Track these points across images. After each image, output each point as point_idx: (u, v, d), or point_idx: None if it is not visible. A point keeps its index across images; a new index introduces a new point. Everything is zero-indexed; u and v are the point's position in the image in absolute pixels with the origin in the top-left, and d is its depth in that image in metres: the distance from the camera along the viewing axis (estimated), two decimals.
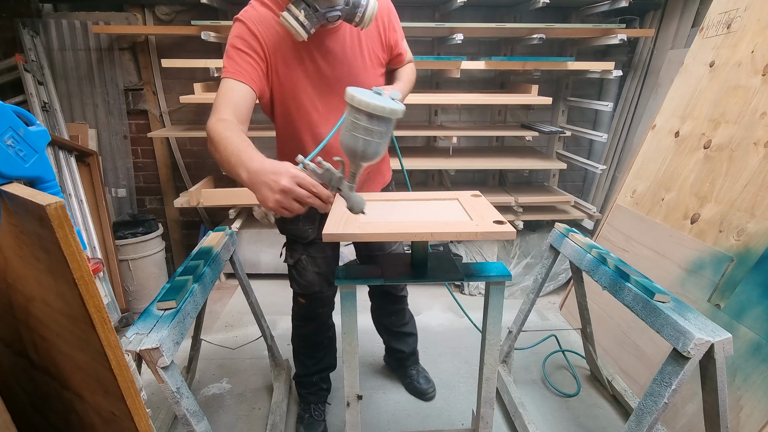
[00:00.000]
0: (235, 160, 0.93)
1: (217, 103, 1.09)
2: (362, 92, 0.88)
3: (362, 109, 0.86)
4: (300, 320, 1.65)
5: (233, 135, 0.98)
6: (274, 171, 0.86)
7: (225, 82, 1.12)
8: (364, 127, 0.88)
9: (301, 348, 1.69)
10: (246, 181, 0.90)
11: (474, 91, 2.89)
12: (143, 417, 0.81)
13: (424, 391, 1.89)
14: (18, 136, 0.84)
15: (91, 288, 0.70)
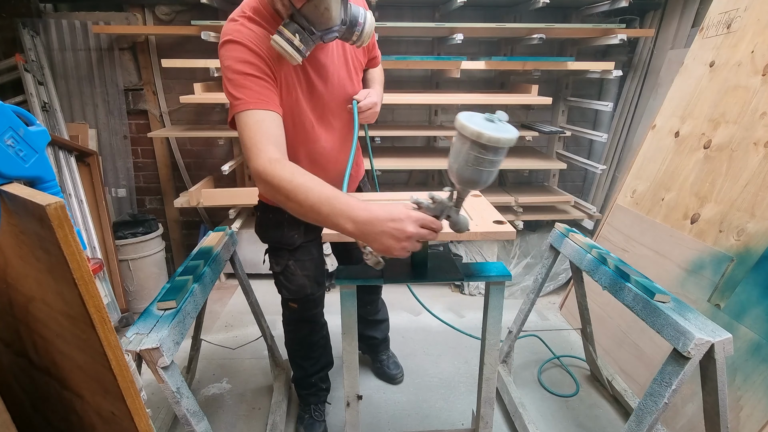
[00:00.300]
0: (328, 210, 0.86)
1: (253, 141, 0.98)
2: (485, 126, 0.79)
3: (491, 145, 0.79)
4: (293, 325, 1.63)
5: (307, 180, 0.90)
6: (393, 218, 0.83)
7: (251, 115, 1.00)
8: (490, 160, 0.82)
9: (298, 351, 1.67)
10: (354, 232, 0.85)
11: (474, 91, 2.88)
12: (143, 417, 0.81)
13: (393, 376, 1.96)
14: (18, 136, 0.84)
15: (91, 288, 0.70)
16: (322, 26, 1.03)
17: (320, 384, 1.73)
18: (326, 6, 0.99)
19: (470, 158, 0.81)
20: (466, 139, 0.80)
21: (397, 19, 2.74)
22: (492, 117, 0.83)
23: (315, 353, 1.68)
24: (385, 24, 2.35)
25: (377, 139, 2.62)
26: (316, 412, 1.71)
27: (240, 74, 1.03)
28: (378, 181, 1.68)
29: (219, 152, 2.98)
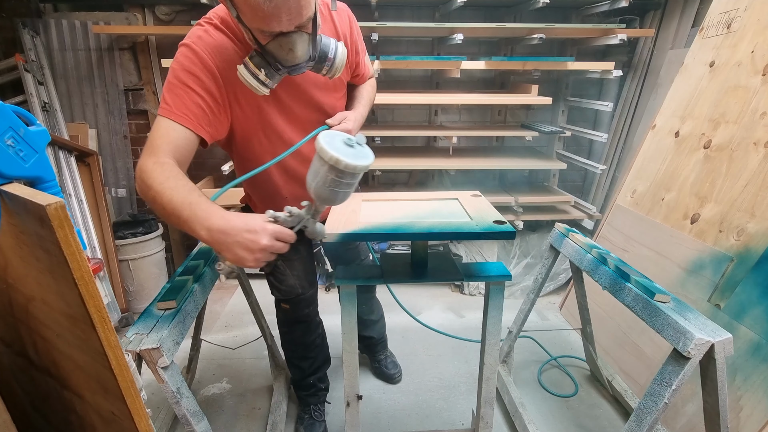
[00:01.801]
0: (187, 214, 0.86)
1: (154, 143, 0.97)
2: (344, 152, 0.82)
3: (348, 171, 0.82)
4: (287, 326, 1.61)
5: (179, 184, 0.89)
6: (248, 229, 0.83)
7: (167, 122, 0.99)
8: (347, 183, 0.86)
9: (294, 352, 1.66)
10: (208, 240, 0.84)
11: (474, 91, 2.88)
12: (143, 417, 0.81)
13: (391, 376, 1.96)
14: (18, 136, 0.84)
15: (91, 288, 0.70)
16: (287, 63, 0.99)
17: (319, 384, 1.73)
18: (290, 46, 0.95)
19: (328, 180, 0.84)
20: (325, 162, 0.82)
21: (397, 19, 2.74)
22: (352, 141, 0.86)
23: (311, 353, 1.67)
24: (385, 24, 2.35)
25: (377, 139, 2.62)
26: (315, 412, 1.71)
27: (180, 83, 1.01)
28: (378, 181, 1.69)
29: (219, 152, 2.98)
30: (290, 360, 1.69)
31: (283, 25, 0.92)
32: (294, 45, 0.95)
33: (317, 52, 1.02)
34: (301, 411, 1.74)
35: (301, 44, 0.96)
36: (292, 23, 0.92)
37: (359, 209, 1.26)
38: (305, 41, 0.97)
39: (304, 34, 0.96)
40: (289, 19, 0.91)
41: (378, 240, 1.73)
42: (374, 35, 2.41)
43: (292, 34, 0.94)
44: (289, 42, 0.95)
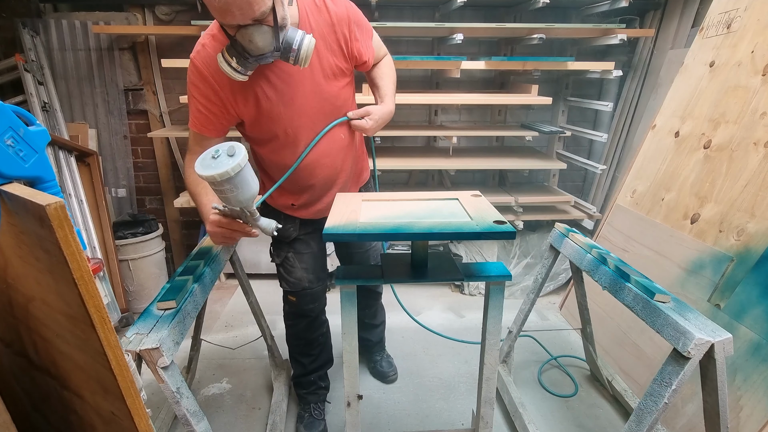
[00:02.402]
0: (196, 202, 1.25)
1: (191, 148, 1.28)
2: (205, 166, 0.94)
3: (209, 180, 0.94)
4: (292, 319, 1.65)
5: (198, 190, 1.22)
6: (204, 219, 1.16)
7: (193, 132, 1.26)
8: (225, 189, 0.96)
9: (297, 347, 1.69)
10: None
11: (474, 91, 2.88)
12: (143, 417, 0.81)
13: (386, 374, 1.97)
14: (18, 136, 0.84)
15: (91, 288, 0.70)
16: (253, 53, 1.08)
17: (319, 382, 1.74)
18: (250, 38, 1.04)
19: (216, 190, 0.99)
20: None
21: (397, 19, 2.74)
22: (218, 153, 0.95)
23: (314, 350, 1.68)
24: (385, 24, 2.35)
25: (377, 139, 2.62)
26: (315, 410, 1.72)
27: (191, 96, 1.22)
28: (378, 180, 1.71)
29: None
30: (292, 355, 1.71)
31: (237, 19, 1.00)
32: (252, 36, 1.04)
33: (281, 43, 1.08)
34: (301, 410, 1.75)
35: (259, 35, 1.04)
36: (246, 17, 1.00)
37: (359, 209, 1.26)
38: (264, 32, 1.05)
39: (264, 26, 1.04)
40: (242, 14, 0.99)
41: (378, 240, 1.73)
42: None
43: (249, 27, 1.03)
44: (248, 33, 1.04)
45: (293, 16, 1.16)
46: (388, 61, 1.49)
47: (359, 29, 1.29)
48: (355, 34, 1.27)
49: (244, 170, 0.95)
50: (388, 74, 1.46)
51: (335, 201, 1.34)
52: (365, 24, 1.33)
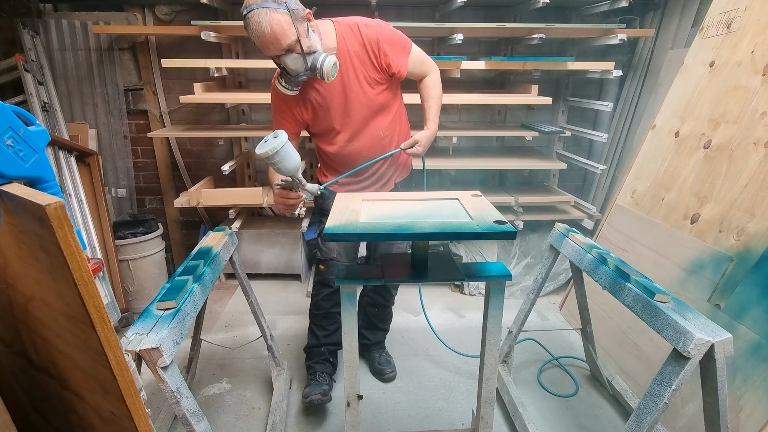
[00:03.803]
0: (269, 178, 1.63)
1: None
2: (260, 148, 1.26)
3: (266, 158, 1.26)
4: (317, 288, 1.80)
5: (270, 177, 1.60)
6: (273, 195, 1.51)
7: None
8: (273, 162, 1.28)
9: (315, 317, 1.83)
10: None
11: (474, 91, 2.88)
12: (143, 417, 0.81)
13: (382, 371, 1.98)
14: (18, 136, 0.84)
15: (91, 288, 0.70)
16: (292, 74, 1.40)
17: (329, 357, 1.87)
18: (285, 64, 1.37)
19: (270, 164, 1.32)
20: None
21: (397, 19, 2.73)
22: (268, 137, 1.27)
23: (330, 325, 1.83)
24: None
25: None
26: (321, 377, 1.82)
27: (274, 108, 1.62)
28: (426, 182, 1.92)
29: (219, 152, 2.98)
30: (310, 326, 1.87)
31: (272, 52, 1.34)
32: (286, 63, 1.36)
33: (310, 65, 1.37)
34: (308, 380, 1.85)
35: (291, 62, 1.35)
36: (278, 50, 1.33)
37: (360, 209, 1.26)
38: (294, 59, 1.35)
39: (293, 54, 1.34)
40: (274, 48, 1.32)
41: (378, 240, 1.75)
42: None
43: (282, 57, 1.35)
44: (283, 61, 1.36)
45: (330, 41, 1.46)
46: (434, 80, 1.67)
47: (390, 46, 1.50)
48: (384, 51, 1.49)
49: (285, 146, 1.25)
50: (432, 96, 1.67)
51: (335, 201, 1.35)
52: (399, 42, 1.53)
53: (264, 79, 2.88)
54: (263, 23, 1.27)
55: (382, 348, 2.08)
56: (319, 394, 1.73)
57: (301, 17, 1.33)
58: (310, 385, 1.80)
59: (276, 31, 1.28)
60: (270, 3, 1.27)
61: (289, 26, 1.30)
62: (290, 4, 1.30)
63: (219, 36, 2.39)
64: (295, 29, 1.31)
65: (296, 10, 1.32)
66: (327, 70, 1.36)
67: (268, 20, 1.26)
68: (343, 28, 1.47)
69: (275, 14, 1.27)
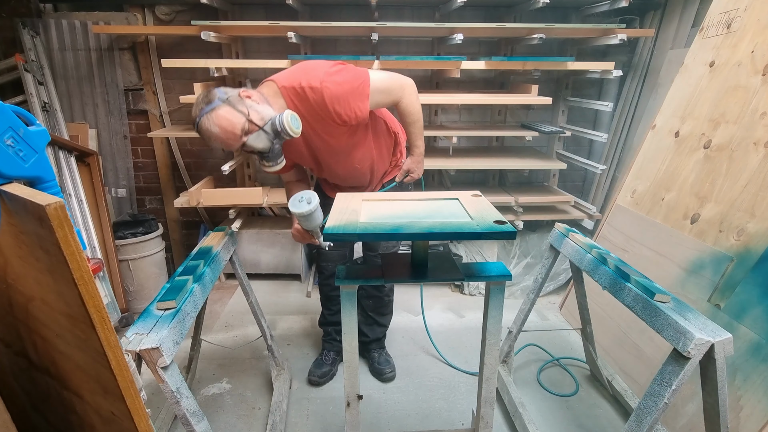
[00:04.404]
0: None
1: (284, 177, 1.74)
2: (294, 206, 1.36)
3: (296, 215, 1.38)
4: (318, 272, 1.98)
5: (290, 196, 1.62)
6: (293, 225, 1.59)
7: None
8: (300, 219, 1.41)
9: (321, 295, 2.01)
10: None
11: (474, 91, 2.88)
12: (143, 417, 0.81)
13: (382, 371, 1.99)
14: (18, 136, 0.84)
15: (91, 288, 0.70)
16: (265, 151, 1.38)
17: (335, 335, 2.02)
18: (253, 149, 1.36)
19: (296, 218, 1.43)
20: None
21: (397, 19, 2.74)
22: (302, 198, 1.36)
23: (332, 306, 1.98)
24: (385, 24, 2.35)
25: None
26: (326, 357, 2.02)
27: None
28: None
29: (219, 152, 2.98)
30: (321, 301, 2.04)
31: (236, 145, 1.33)
32: (253, 147, 1.35)
33: (275, 133, 1.34)
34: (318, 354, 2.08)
35: (255, 141, 1.34)
36: (238, 139, 1.31)
37: (360, 209, 1.26)
38: (257, 138, 1.33)
39: (253, 134, 1.33)
40: (234, 140, 1.31)
41: (378, 240, 1.75)
42: (374, 35, 2.41)
43: (246, 143, 1.33)
44: (249, 147, 1.35)
45: (280, 105, 1.40)
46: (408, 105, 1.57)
47: (342, 103, 1.39)
48: (335, 111, 1.39)
49: (314, 213, 1.37)
50: (411, 122, 1.61)
51: (335, 200, 1.35)
52: (352, 92, 1.40)
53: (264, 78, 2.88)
54: (211, 126, 1.29)
55: (382, 347, 2.08)
56: (317, 376, 1.95)
57: (238, 100, 1.32)
58: (314, 363, 2.02)
59: (225, 126, 1.28)
60: (206, 108, 1.29)
61: (233, 114, 1.29)
62: (222, 96, 1.30)
63: (219, 36, 2.39)
64: (239, 113, 1.30)
65: (231, 97, 1.31)
66: (289, 125, 1.32)
67: (212, 121, 1.28)
68: (290, 92, 1.40)
69: (215, 113, 1.28)
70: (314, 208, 1.35)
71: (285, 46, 2.55)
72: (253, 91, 1.37)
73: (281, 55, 2.48)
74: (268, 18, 2.67)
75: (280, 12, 2.59)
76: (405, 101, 1.55)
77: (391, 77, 1.52)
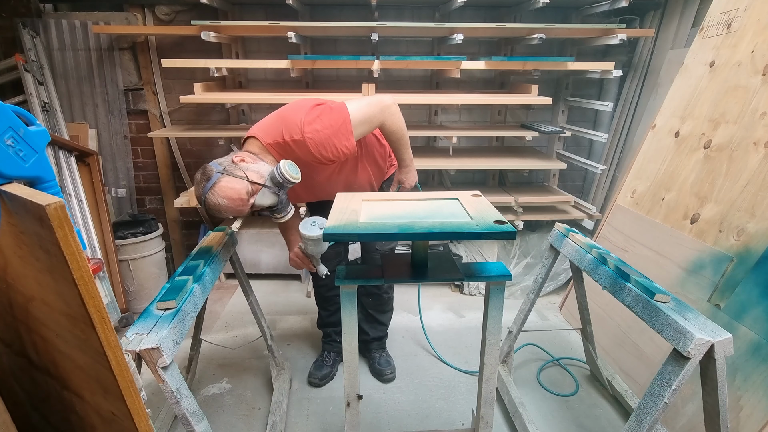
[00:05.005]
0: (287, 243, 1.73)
1: None
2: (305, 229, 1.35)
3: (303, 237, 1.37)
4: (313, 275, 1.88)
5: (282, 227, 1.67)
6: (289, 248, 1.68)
7: None
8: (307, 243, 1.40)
9: (317, 298, 2.01)
10: None
11: (474, 91, 2.88)
12: (143, 417, 0.81)
13: (382, 372, 2.00)
14: (18, 136, 0.84)
15: (91, 288, 0.70)
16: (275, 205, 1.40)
17: (334, 336, 2.02)
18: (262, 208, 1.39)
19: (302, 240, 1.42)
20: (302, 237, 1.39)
21: (397, 19, 2.74)
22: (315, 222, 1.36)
23: (330, 307, 1.98)
24: (385, 24, 2.35)
25: None
26: (326, 358, 2.01)
27: None
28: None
29: (219, 152, 2.98)
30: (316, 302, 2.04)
31: (246, 210, 1.35)
32: (262, 205, 1.37)
33: (277, 185, 1.35)
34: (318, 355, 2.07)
35: (263, 199, 1.36)
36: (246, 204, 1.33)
37: (360, 209, 1.26)
38: (263, 196, 1.35)
39: (258, 194, 1.35)
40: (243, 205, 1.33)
41: (378, 240, 1.75)
42: (374, 35, 2.41)
43: (254, 204, 1.36)
44: (258, 207, 1.37)
45: (270, 159, 1.41)
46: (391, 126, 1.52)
47: (327, 147, 1.38)
48: (324, 155, 1.39)
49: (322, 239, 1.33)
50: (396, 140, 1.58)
51: (335, 200, 1.35)
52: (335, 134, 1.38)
53: (264, 79, 2.88)
54: (218, 199, 1.30)
55: (383, 348, 2.08)
56: (317, 378, 1.95)
57: (234, 167, 1.33)
58: (314, 364, 2.02)
59: (230, 195, 1.30)
60: (207, 185, 1.31)
61: (234, 181, 1.31)
62: (218, 169, 1.32)
63: (219, 36, 2.39)
64: (239, 178, 1.31)
65: (227, 167, 1.33)
66: (288, 173, 1.32)
67: (218, 195, 1.30)
68: (275, 148, 1.41)
69: (217, 186, 1.30)
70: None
71: (285, 46, 2.55)
72: (244, 154, 1.39)
73: (281, 55, 2.48)
74: (268, 18, 2.67)
75: (280, 12, 2.59)
76: (388, 122, 1.50)
77: (369, 104, 1.46)
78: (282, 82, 2.87)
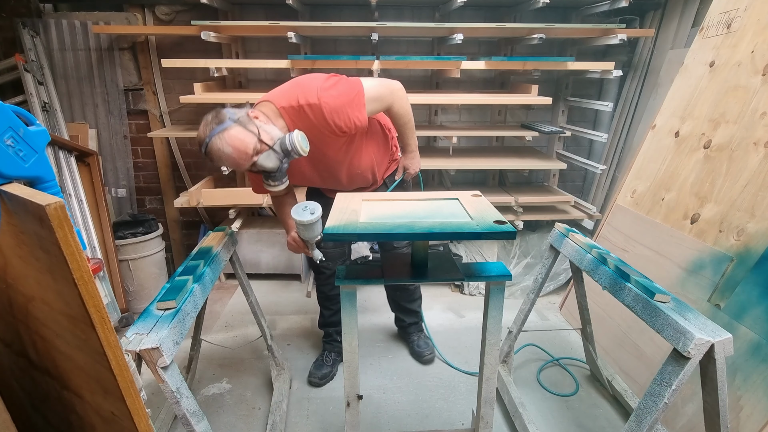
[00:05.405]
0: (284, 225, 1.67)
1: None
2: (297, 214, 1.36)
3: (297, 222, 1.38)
4: (316, 274, 1.99)
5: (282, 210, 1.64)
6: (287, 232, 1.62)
7: None
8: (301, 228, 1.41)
9: (319, 297, 2.02)
10: None
11: (474, 91, 2.88)
12: (143, 417, 0.81)
13: (421, 354, 2.09)
14: (18, 136, 0.84)
15: (91, 288, 0.70)
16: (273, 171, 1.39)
17: (335, 335, 2.04)
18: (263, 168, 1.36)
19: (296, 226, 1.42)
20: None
21: (397, 19, 2.74)
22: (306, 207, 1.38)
23: (332, 306, 2.00)
24: (385, 24, 2.35)
25: None
26: (326, 358, 2.02)
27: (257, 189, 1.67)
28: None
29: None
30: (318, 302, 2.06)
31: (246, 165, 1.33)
32: (263, 166, 1.35)
33: (285, 152, 1.35)
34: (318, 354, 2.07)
35: (266, 161, 1.35)
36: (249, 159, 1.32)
37: (360, 209, 1.26)
38: (267, 157, 1.34)
39: (263, 154, 1.33)
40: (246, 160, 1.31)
41: (378, 240, 1.75)
42: (374, 35, 2.41)
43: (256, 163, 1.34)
44: (259, 167, 1.35)
45: (281, 124, 1.41)
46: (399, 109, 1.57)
47: (340, 114, 1.40)
48: (335, 122, 1.40)
49: (316, 223, 1.38)
50: (403, 124, 1.63)
51: (335, 200, 1.35)
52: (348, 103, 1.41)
53: (264, 79, 2.88)
54: (223, 146, 1.28)
55: (420, 330, 2.17)
56: (317, 378, 1.95)
57: (248, 120, 1.32)
58: (315, 364, 2.02)
59: (237, 146, 1.28)
60: (216, 128, 1.28)
61: (245, 134, 1.29)
62: (233, 116, 1.30)
63: (219, 36, 2.39)
64: (250, 133, 1.30)
65: (241, 117, 1.31)
66: (299, 144, 1.32)
67: (225, 141, 1.27)
68: (288, 111, 1.41)
69: (227, 133, 1.27)
70: (316, 218, 1.37)
71: (285, 46, 2.55)
72: (259, 112, 1.37)
73: (281, 55, 2.48)
74: (268, 18, 2.67)
75: (280, 12, 2.59)
76: (396, 105, 1.55)
77: (381, 84, 1.52)
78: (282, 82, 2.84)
